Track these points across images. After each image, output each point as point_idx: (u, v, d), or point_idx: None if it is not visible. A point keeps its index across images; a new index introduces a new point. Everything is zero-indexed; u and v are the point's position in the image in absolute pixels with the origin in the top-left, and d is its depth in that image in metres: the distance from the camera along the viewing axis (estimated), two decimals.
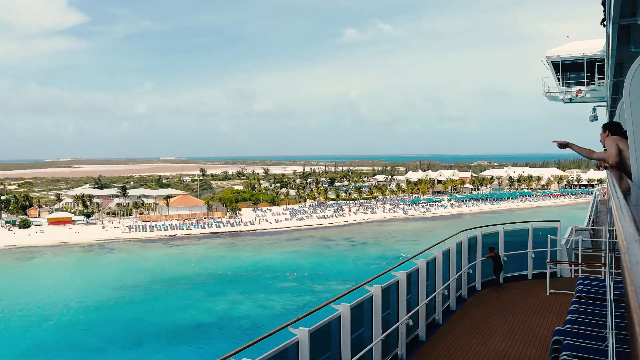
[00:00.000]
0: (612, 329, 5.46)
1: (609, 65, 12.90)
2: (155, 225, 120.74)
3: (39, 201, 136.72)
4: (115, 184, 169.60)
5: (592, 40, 25.89)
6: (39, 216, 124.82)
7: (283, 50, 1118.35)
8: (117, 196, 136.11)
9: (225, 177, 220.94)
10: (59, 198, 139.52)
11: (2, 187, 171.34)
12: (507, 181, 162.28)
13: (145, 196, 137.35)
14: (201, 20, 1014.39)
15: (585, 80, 25.84)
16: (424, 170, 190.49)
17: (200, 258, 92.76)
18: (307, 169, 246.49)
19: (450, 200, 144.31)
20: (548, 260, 15.82)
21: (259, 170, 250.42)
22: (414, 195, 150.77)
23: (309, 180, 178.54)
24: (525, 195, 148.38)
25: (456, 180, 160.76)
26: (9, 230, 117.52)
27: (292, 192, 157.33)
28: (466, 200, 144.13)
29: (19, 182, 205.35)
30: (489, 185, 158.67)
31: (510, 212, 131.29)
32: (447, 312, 13.65)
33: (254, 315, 59.10)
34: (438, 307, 13.06)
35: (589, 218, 27.38)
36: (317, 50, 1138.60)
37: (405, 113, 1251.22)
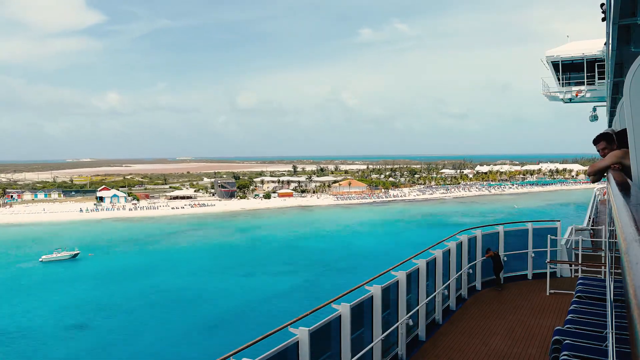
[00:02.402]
0: (612, 329, 5.46)
1: (609, 65, 12.90)
2: (346, 197, 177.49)
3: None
4: (239, 178, 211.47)
5: (592, 40, 25.87)
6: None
7: (297, 49, 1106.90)
8: (290, 182, 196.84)
9: (313, 172, 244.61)
10: (262, 182, 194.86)
11: (125, 178, 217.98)
12: (547, 172, 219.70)
13: (314, 181, 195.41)
14: (216, 19, 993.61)
15: (585, 80, 25.84)
16: (471, 167, 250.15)
17: (408, 209, 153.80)
18: (356, 167, 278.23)
19: (513, 185, 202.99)
20: (548, 260, 15.81)
21: (331, 167, 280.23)
22: (486, 182, 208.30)
23: (395, 172, 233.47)
24: (563, 182, 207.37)
25: (513, 171, 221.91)
26: (260, 200, 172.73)
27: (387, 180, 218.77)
28: (524, 185, 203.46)
29: (124, 177, 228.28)
30: (535, 175, 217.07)
31: (556, 192, 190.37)
32: (447, 312, 13.64)
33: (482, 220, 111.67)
34: (438, 307, 13.05)
35: (589, 218, 27.35)
36: (331, 50, 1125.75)
37: (418, 112, 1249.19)
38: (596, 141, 6.08)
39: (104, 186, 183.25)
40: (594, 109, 27.07)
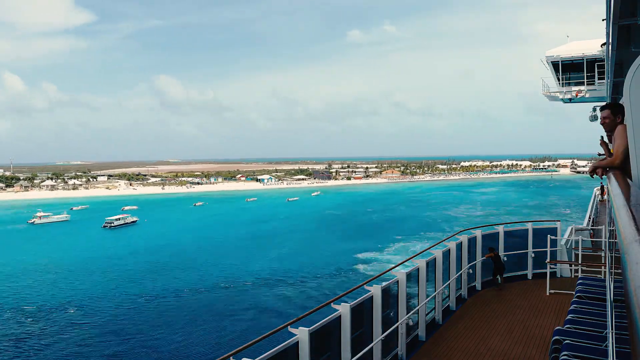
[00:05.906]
0: (612, 329, 5.46)
1: (609, 65, 12.91)
2: (391, 179, 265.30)
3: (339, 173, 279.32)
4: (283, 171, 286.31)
5: (592, 40, 25.89)
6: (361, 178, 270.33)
7: (284, 51, 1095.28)
8: (355, 171, 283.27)
9: (342, 168, 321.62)
10: (354, 172, 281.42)
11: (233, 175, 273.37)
12: (505, 166, 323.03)
13: (370, 170, 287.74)
14: (206, 19, 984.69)
15: (585, 80, 25.86)
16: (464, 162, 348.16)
17: (432, 182, 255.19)
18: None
19: (485, 173, 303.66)
20: (548, 260, 15.82)
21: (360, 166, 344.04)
22: (468, 172, 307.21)
23: (407, 167, 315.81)
24: (514, 172, 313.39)
25: (484, 165, 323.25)
26: (347, 180, 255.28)
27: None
28: (491, 173, 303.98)
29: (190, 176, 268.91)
30: (498, 168, 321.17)
31: (510, 177, 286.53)
32: (447, 312, 13.65)
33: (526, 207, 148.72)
34: (438, 307, 13.05)
35: (589, 218, 27.36)
36: (323, 50, 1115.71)
37: (393, 113, 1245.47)
38: (603, 108, 5.92)
39: (240, 174, 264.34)
40: (594, 109, 27.06)
